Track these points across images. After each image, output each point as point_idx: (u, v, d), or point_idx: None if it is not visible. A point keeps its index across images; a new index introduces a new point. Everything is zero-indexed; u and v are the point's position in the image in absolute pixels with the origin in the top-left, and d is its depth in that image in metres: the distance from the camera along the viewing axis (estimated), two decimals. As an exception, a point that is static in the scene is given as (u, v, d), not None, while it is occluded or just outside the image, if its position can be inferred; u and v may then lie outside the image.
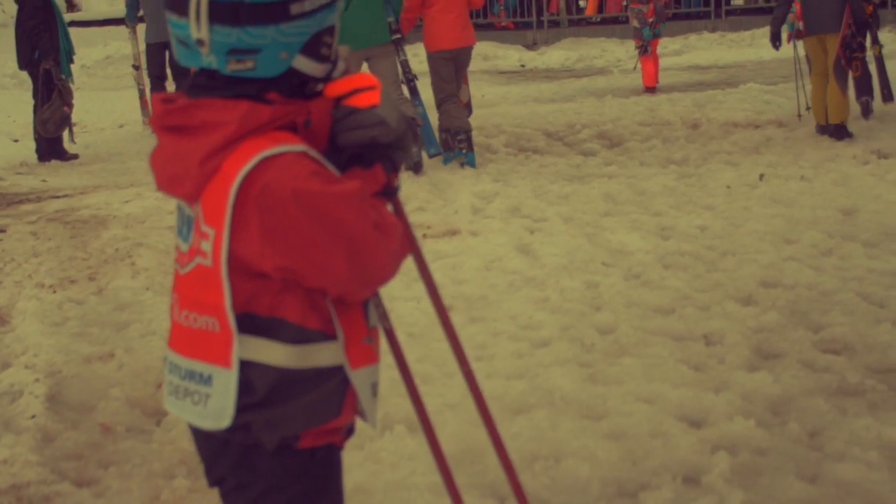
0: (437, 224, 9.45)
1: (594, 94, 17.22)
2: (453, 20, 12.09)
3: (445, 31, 12.09)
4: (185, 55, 2.46)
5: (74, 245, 9.36)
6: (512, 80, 20.53)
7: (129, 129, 16.54)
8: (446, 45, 12.13)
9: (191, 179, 2.40)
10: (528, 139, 13.63)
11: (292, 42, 2.43)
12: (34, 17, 14.01)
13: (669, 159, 12.10)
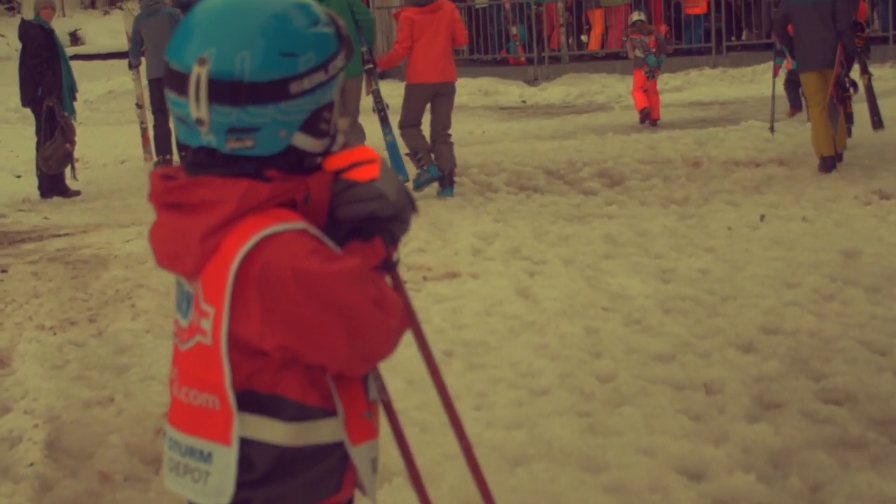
0: (437, 266, 9.45)
1: (595, 131, 17.24)
2: (438, 55, 12.43)
3: (428, 65, 12.39)
4: (185, 133, 2.47)
5: (75, 286, 9.37)
6: (513, 115, 20.54)
7: (130, 165, 16.56)
8: (427, 79, 12.46)
9: (191, 257, 2.41)
10: (529, 177, 13.64)
11: (291, 120, 2.43)
12: (38, 55, 14.07)
13: (670, 199, 12.10)
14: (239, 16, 2.41)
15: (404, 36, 12.42)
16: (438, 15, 12.48)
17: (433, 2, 12.48)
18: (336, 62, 2.49)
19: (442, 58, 12.49)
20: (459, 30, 12.85)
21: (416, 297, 8.47)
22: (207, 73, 2.37)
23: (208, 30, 2.41)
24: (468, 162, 14.47)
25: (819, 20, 12.66)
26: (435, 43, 12.38)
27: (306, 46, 2.43)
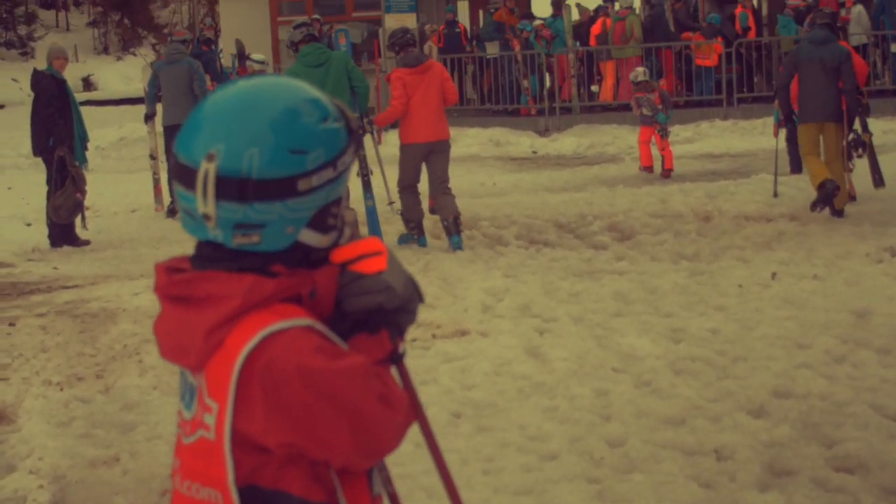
0: (447, 323, 9.42)
1: (606, 183, 17.23)
2: (431, 114, 12.64)
3: (424, 124, 12.62)
4: (191, 226, 2.44)
5: (83, 340, 9.35)
6: (523, 167, 20.55)
7: (141, 214, 16.57)
8: (421, 139, 12.68)
9: (195, 352, 2.38)
10: (540, 231, 13.61)
11: (299, 217, 2.41)
12: (50, 104, 14.11)
13: (681, 254, 12.07)
14: (248, 111, 2.39)
15: (399, 93, 12.59)
16: (428, 75, 12.71)
17: (422, 62, 12.81)
18: (345, 158, 2.46)
19: (434, 116, 12.71)
20: (449, 88, 13.05)
21: (425, 355, 8.45)
22: (215, 170, 2.34)
23: (217, 124, 2.38)
24: (478, 215, 14.46)
25: (824, 76, 13.13)
26: (426, 102, 12.59)
27: (315, 143, 2.41)
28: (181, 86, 16.63)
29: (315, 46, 12.89)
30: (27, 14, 47.68)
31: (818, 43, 13.38)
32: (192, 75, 16.72)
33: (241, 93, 2.46)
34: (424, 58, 13.21)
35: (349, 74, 12.83)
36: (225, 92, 2.47)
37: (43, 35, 46.28)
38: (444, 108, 12.96)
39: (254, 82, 2.50)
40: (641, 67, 20.72)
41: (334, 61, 12.82)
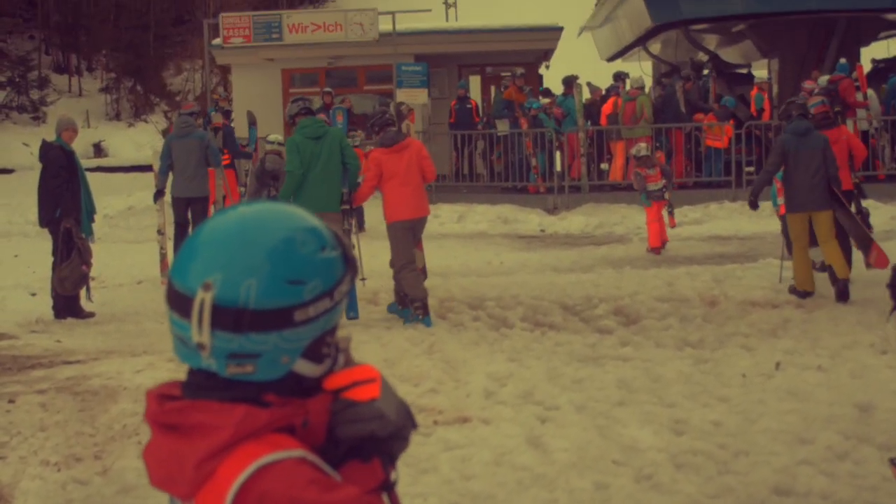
0: (449, 409, 9.38)
1: (613, 265, 17.24)
2: (410, 193, 13.11)
3: (403, 203, 13.06)
4: (184, 353, 2.42)
5: (82, 419, 9.30)
6: (531, 245, 20.56)
7: (147, 286, 16.52)
8: (404, 216, 13.10)
9: (185, 482, 2.36)
10: (545, 313, 13.59)
11: (294, 347, 2.39)
12: (57, 175, 14.15)
13: (686, 341, 12.05)
14: (247, 240, 2.37)
15: (372, 175, 13.16)
16: (406, 153, 13.10)
17: (399, 142, 13.17)
18: (342, 287, 2.45)
19: (415, 194, 13.19)
20: (427, 166, 13.38)
21: (426, 442, 8.40)
22: (212, 300, 2.33)
23: (215, 253, 2.37)
24: (485, 295, 14.48)
25: (810, 166, 13.71)
26: (406, 181, 13.03)
27: (313, 273, 2.39)
28: (193, 159, 16.88)
29: (313, 120, 13.37)
30: (40, 78, 48.00)
31: (800, 134, 13.90)
32: (203, 149, 16.97)
33: (239, 220, 2.44)
34: (402, 137, 13.53)
35: (342, 151, 13.22)
36: (223, 218, 2.46)
37: (56, 100, 46.58)
38: (423, 186, 13.46)
39: (252, 209, 2.48)
40: (643, 143, 20.90)
41: (330, 136, 13.28)
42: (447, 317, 13.54)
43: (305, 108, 13.48)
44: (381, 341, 11.91)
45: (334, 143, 13.17)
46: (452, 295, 14.64)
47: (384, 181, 13.08)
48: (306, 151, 12.95)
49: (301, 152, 12.92)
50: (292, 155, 12.99)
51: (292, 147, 13.05)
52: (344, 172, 13.26)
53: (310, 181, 12.93)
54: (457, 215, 23.69)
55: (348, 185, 13.39)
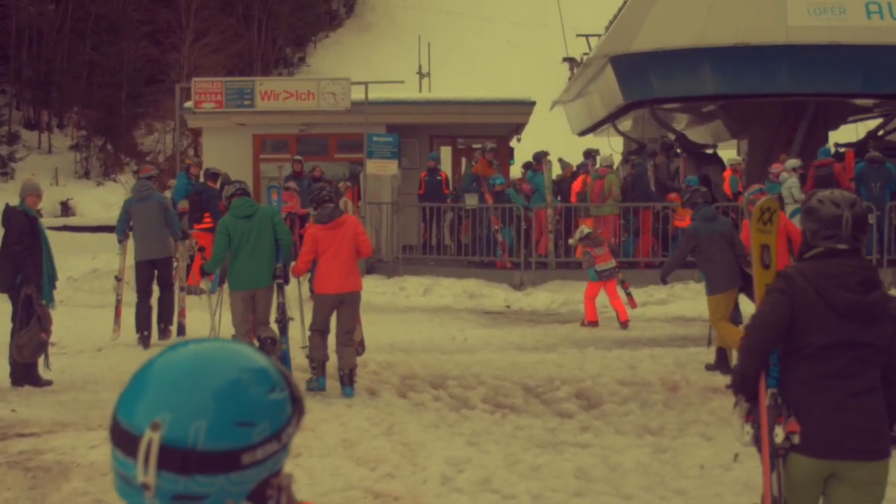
0: (405, 496, 9.28)
1: (577, 345, 17.22)
2: (340, 267, 13.57)
3: (333, 276, 13.56)
4: (127, 493, 2.37)
5: (33, 497, 9.16)
6: (496, 321, 20.50)
7: (107, 353, 16.39)
8: (331, 290, 13.58)
9: None
10: (507, 394, 13.56)
11: (240, 490, 2.34)
12: (20, 241, 14.06)
13: (646, 428, 12.02)
14: (197, 381, 2.33)
15: (307, 250, 13.70)
16: (341, 230, 13.61)
17: (335, 218, 13.66)
18: (289, 430, 2.41)
19: (345, 270, 13.61)
20: (362, 242, 13.85)
21: (378, 531, 8.31)
22: (160, 440, 2.28)
23: (164, 393, 2.32)
24: (447, 373, 14.45)
25: (726, 248, 14.75)
26: (338, 256, 13.54)
27: (262, 415, 2.35)
28: (154, 221, 17.22)
29: (244, 200, 13.93)
30: (10, 134, 47.97)
31: (709, 219, 15.07)
32: (162, 212, 17.34)
33: (189, 359, 2.39)
34: (338, 213, 13.88)
35: (275, 228, 13.83)
36: (173, 355, 2.41)
37: (25, 156, 46.51)
38: (356, 262, 13.92)
39: (203, 348, 2.44)
40: (584, 226, 21.43)
41: (261, 214, 13.91)
42: (408, 395, 13.50)
43: (241, 189, 14.19)
44: (341, 420, 11.83)
45: (265, 221, 13.79)
46: (415, 372, 14.59)
47: (318, 255, 13.62)
48: (237, 231, 13.61)
49: (231, 232, 13.61)
50: (220, 236, 13.74)
51: (222, 228, 13.79)
52: (277, 248, 13.85)
53: (242, 258, 13.63)
54: (423, 288, 23.66)
55: (283, 260, 13.94)
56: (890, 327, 5.68)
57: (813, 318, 5.63)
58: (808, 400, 5.69)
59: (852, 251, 5.76)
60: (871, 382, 5.70)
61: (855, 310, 5.61)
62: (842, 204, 5.79)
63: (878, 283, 5.75)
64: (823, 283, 5.64)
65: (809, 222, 5.85)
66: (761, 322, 5.80)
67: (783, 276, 5.84)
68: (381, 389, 13.77)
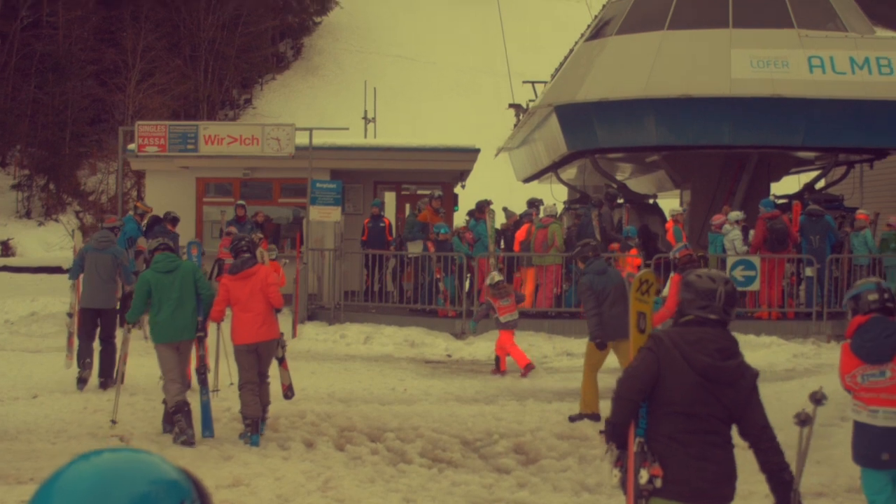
0: (338, 556, 9.20)
1: (516, 396, 17.17)
2: (253, 318, 13.84)
3: (246, 327, 13.85)
4: None
5: (-42, 555, 9.02)
6: (437, 371, 20.38)
7: (43, 401, 16.16)
8: (245, 340, 13.85)
9: None
10: (445, 447, 13.49)
11: None
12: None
13: (583, 485, 11.97)
14: (105, 494, 2.27)
15: (220, 299, 14.04)
16: (252, 280, 13.94)
17: (245, 269, 13.99)
18: None
19: (258, 319, 13.85)
20: (272, 294, 14.08)
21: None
22: None
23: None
24: (386, 425, 14.38)
25: (612, 297, 15.33)
26: (250, 307, 13.84)
27: None
28: (105, 273, 17.57)
29: (166, 255, 14.26)
30: (-51, 173, 47.55)
31: (600, 273, 15.72)
32: (115, 265, 17.65)
33: (98, 472, 2.33)
34: (250, 264, 14.11)
35: (196, 283, 14.18)
36: (81, 467, 2.35)
37: (-35, 195, 46.08)
38: (270, 311, 14.07)
39: (112, 459, 2.38)
40: (496, 272, 21.59)
41: (182, 269, 14.22)
42: (346, 448, 13.41)
43: (163, 244, 14.52)
44: (277, 474, 11.71)
45: (187, 275, 14.14)
46: (353, 424, 14.50)
47: (232, 305, 13.99)
48: (159, 285, 13.92)
49: (153, 287, 13.93)
50: (140, 290, 14.06)
51: (142, 282, 14.09)
52: (198, 301, 14.15)
53: (165, 312, 13.88)
54: (364, 336, 23.57)
55: (203, 314, 14.20)
56: (745, 393, 6.42)
57: (675, 376, 6.33)
58: (670, 449, 6.34)
59: (720, 322, 6.53)
60: (724, 438, 6.43)
61: (711, 372, 6.33)
62: (717, 280, 6.60)
63: (736, 353, 6.46)
64: (686, 347, 6.37)
65: (686, 293, 6.61)
66: (631, 376, 6.46)
67: (653, 337, 6.56)
68: (319, 441, 13.66)
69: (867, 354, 8.54)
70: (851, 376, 8.64)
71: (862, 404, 8.66)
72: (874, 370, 8.51)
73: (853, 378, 8.63)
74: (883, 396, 8.51)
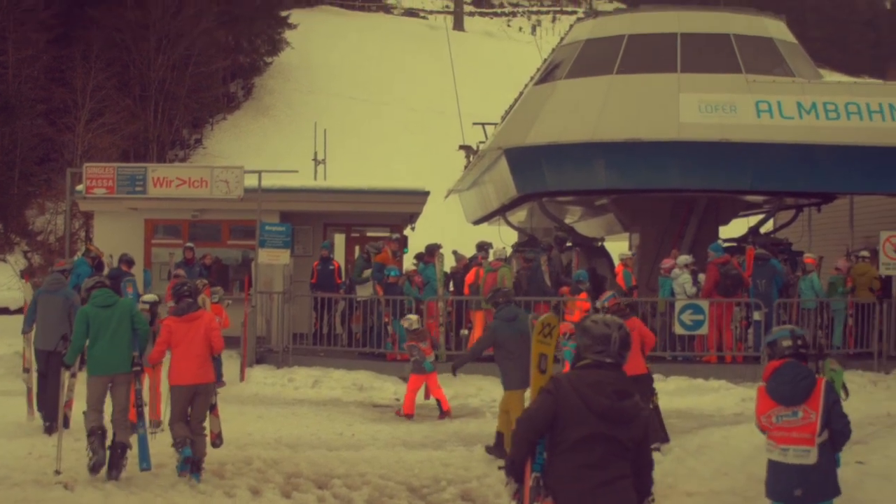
0: None
1: (464, 442, 17.11)
2: (192, 360, 14.20)
3: (185, 369, 14.16)
4: None
5: None
6: (384, 415, 20.25)
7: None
8: (185, 381, 14.16)
9: None
10: (391, 495, 13.43)
11: None
12: None
13: (529, 534, 11.91)
14: None
15: (161, 340, 14.38)
16: (195, 324, 14.35)
17: (190, 312, 14.45)
18: None
19: (197, 362, 14.21)
20: (215, 338, 14.50)
21: None
22: None
23: None
24: (333, 471, 14.36)
25: (521, 345, 15.43)
26: (190, 349, 14.19)
27: None
28: (55, 315, 17.67)
29: (104, 291, 14.64)
30: None
31: (510, 319, 16.20)
32: (67, 307, 17.66)
33: None
34: (195, 307, 14.61)
35: (132, 318, 14.49)
36: None
37: (-90, 233, 45.66)
38: (209, 355, 14.40)
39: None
40: (415, 315, 21.90)
41: (120, 306, 14.58)
42: (292, 496, 13.33)
43: (100, 282, 15.00)
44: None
45: (124, 311, 14.48)
46: (300, 470, 14.46)
47: (173, 347, 14.25)
48: (96, 319, 14.24)
49: (91, 321, 14.24)
50: (79, 325, 14.36)
51: (81, 317, 14.40)
52: (134, 336, 14.41)
53: (102, 345, 14.20)
54: (312, 380, 23.44)
55: (139, 349, 14.47)
56: (639, 430, 6.92)
57: (572, 416, 6.77)
58: (566, 485, 6.80)
59: (615, 365, 6.98)
60: (622, 471, 6.87)
61: (608, 412, 6.76)
62: (612, 326, 7.06)
63: (630, 393, 6.91)
64: (584, 389, 6.80)
65: (584, 339, 7.08)
66: (529, 416, 6.96)
67: (552, 380, 7.01)
68: (265, 489, 13.56)
69: (781, 397, 9.10)
70: (767, 417, 9.19)
71: (774, 443, 9.17)
72: (787, 411, 9.06)
73: (768, 418, 9.18)
74: (794, 435, 9.03)
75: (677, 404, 19.88)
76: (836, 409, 9.07)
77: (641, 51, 29.12)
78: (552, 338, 10.61)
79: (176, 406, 14.22)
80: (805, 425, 8.98)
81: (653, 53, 29.00)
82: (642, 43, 29.32)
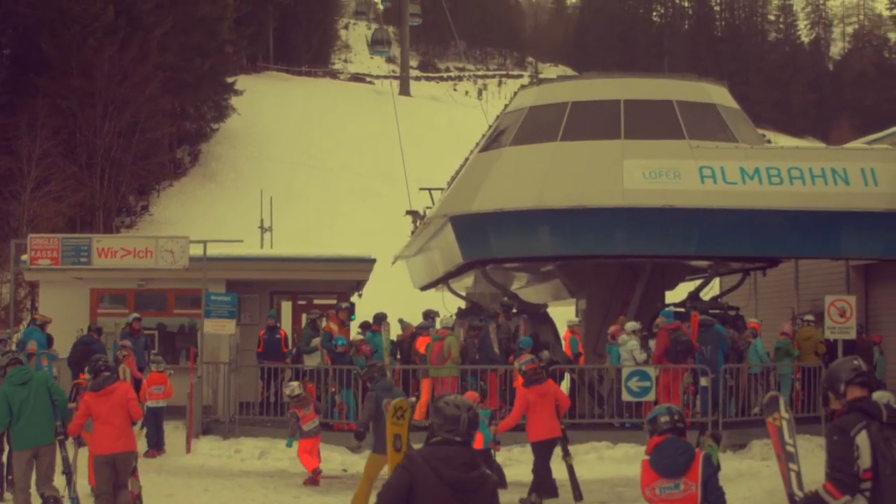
0: None
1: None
2: (111, 430, 14.63)
3: (105, 439, 14.61)
4: None
5: None
6: (331, 487, 20.05)
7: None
8: (106, 451, 14.64)
9: None
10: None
11: None
12: None
13: None
14: None
15: (80, 414, 14.84)
16: (113, 397, 14.78)
17: (106, 386, 14.85)
18: None
19: (116, 433, 14.68)
20: (133, 408, 15.00)
21: None
22: None
23: None
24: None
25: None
26: (109, 422, 14.65)
27: None
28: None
29: (19, 369, 15.09)
30: None
31: (388, 389, 16.99)
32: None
33: None
34: (111, 381, 15.07)
35: (49, 390, 14.88)
36: None
37: None
38: (129, 425, 14.93)
39: None
40: (296, 382, 22.31)
41: (36, 379, 15.01)
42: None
43: (14, 358, 15.46)
44: None
45: (41, 385, 14.86)
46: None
47: (93, 420, 14.71)
48: (16, 397, 14.60)
49: (10, 400, 14.58)
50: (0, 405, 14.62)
51: (1, 397, 14.66)
52: (54, 407, 14.77)
53: (24, 421, 14.56)
54: (259, 451, 23.28)
55: (60, 418, 14.83)
56: (488, 497, 7.52)
57: (427, 488, 7.28)
58: None
59: (464, 442, 7.51)
60: None
61: (458, 483, 7.30)
62: (461, 407, 7.61)
63: (478, 465, 7.47)
64: (437, 462, 7.31)
65: (436, 418, 7.60)
66: (388, 490, 7.42)
67: (407, 456, 7.53)
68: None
69: (664, 469, 9.70)
70: (651, 489, 9.75)
71: None
72: (669, 483, 9.66)
73: (652, 490, 9.74)
74: None
75: (625, 472, 19.86)
76: (713, 482, 9.76)
77: (585, 117, 29.22)
78: (405, 420, 11.99)
79: (100, 478, 14.67)
80: (686, 497, 9.60)
81: (597, 120, 29.09)
82: (586, 110, 29.42)
